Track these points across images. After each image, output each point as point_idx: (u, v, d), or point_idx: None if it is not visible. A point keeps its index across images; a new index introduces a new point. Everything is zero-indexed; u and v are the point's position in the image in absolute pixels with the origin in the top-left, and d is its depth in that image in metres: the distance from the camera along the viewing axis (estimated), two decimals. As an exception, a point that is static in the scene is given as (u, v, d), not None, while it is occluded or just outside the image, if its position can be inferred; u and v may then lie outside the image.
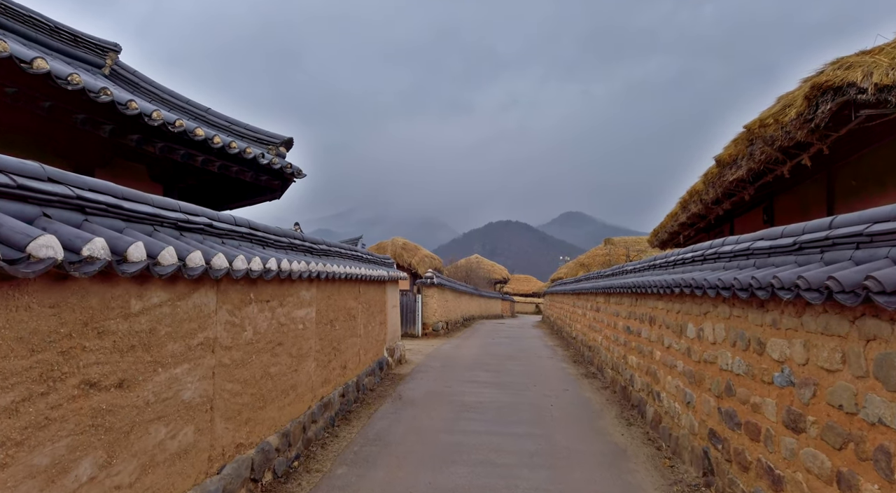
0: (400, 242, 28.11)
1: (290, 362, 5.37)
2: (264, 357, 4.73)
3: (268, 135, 8.62)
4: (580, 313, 14.83)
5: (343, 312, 7.43)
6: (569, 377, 10.64)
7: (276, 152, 8.40)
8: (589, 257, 30.75)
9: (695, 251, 5.58)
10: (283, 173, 8.29)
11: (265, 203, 9.68)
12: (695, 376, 5.09)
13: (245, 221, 4.80)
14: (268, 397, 4.81)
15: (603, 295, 10.98)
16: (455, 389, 9.21)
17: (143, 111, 5.56)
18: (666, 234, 13.57)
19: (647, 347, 7.04)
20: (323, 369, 6.48)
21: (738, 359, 4.14)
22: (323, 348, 6.48)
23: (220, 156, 7.07)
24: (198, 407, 3.64)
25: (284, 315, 5.22)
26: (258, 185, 8.48)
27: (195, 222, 3.85)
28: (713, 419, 4.59)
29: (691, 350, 5.24)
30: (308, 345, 5.92)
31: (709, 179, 8.26)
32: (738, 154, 6.76)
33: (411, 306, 18.75)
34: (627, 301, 8.50)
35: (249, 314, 4.44)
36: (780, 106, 5.37)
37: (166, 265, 3.05)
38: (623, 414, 7.49)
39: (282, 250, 5.56)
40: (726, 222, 12.72)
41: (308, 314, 5.94)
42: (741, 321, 4.14)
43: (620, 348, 8.88)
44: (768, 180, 7.07)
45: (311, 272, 5.67)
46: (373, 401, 8.15)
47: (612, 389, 9.21)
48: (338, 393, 7.03)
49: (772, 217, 10.09)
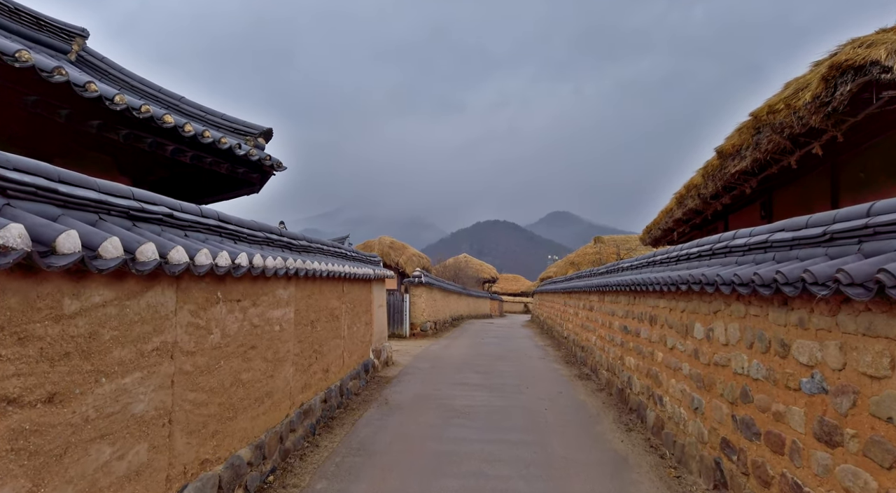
0: (387, 240, 27.63)
1: (266, 368, 4.93)
2: (235, 363, 4.29)
3: (245, 125, 8.16)
4: (572, 312, 14.48)
5: (325, 312, 6.99)
6: (562, 379, 10.27)
7: (255, 143, 7.94)
8: (579, 255, 30.46)
9: (701, 246, 5.21)
10: (261, 166, 7.82)
11: (248, 200, 9.25)
12: (703, 381, 4.72)
13: (214, 213, 4.35)
14: (239, 407, 4.37)
15: (597, 294, 10.62)
16: (444, 392, 8.80)
17: (103, 94, 5.08)
18: (659, 231, 13.26)
19: (647, 348, 6.67)
20: (303, 374, 6.03)
21: (757, 362, 3.77)
22: (303, 350, 6.04)
23: (192, 146, 6.60)
24: (152, 421, 3.19)
25: (258, 316, 4.78)
26: (235, 178, 8.01)
27: (152, 212, 3.40)
28: (726, 428, 4.22)
29: (699, 352, 4.87)
30: (286, 348, 5.48)
31: (708, 171, 7.92)
32: (743, 144, 6.41)
33: (399, 305, 18.30)
34: (624, 300, 8.14)
35: (216, 315, 3.99)
36: (791, 90, 5.02)
37: (109, 259, 2.60)
38: (621, 419, 7.12)
39: (256, 245, 5.12)
40: (720, 220, 12.43)
41: (286, 315, 5.49)
42: (759, 321, 3.77)
43: (617, 349, 8.52)
44: (773, 172, 6.74)
45: (289, 269, 5.23)
46: (357, 406, 7.71)
47: (607, 391, 8.85)
48: (319, 399, 6.59)
49: (770, 212, 9.79)
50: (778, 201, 9.59)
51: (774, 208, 9.71)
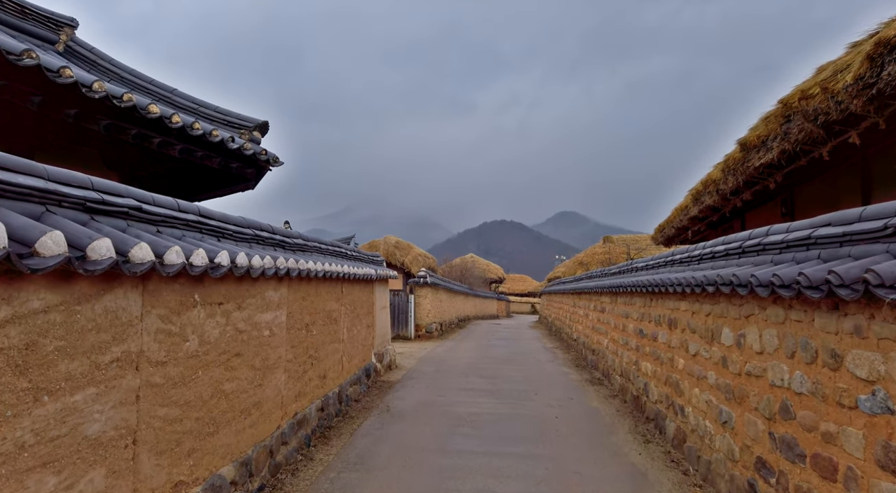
0: (392, 240, 27.22)
1: (253, 376, 4.53)
2: (216, 372, 3.89)
3: (240, 118, 7.78)
4: (582, 313, 14.02)
5: (322, 315, 6.58)
6: (572, 384, 9.82)
7: (250, 137, 7.55)
8: (588, 255, 29.94)
9: (728, 243, 4.77)
10: (256, 161, 7.43)
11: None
12: (734, 392, 4.27)
13: (193, 208, 3.95)
14: (221, 420, 3.97)
15: (609, 295, 10.17)
16: (449, 398, 8.38)
17: (80, 81, 4.71)
18: (673, 229, 12.77)
19: (667, 353, 6.22)
20: (296, 382, 5.63)
21: (800, 374, 3.33)
22: (296, 356, 5.64)
23: (180, 138, 6.22)
24: (112, 443, 2.79)
25: (244, 320, 4.38)
26: (229, 173, 7.63)
27: (115, 205, 3.00)
28: (762, 446, 3.78)
29: (728, 360, 4.42)
30: (277, 354, 5.08)
31: (729, 165, 7.45)
32: (770, 134, 5.95)
33: (403, 306, 17.90)
34: (640, 301, 7.69)
35: (193, 320, 3.59)
36: (829, 72, 4.56)
37: (48, 257, 2.21)
38: (638, 428, 6.67)
39: (243, 242, 4.72)
40: (736, 218, 11.95)
41: (277, 318, 5.09)
42: (803, 327, 3.33)
43: (631, 353, 8.07)
44: (801, 165, 6.28)
45: (280, 269, 4.83)
46: (357, 414, 7.30)
47: (621, 397, 8.40)
48: (315, 407, 6.19)
49: (791, 210, 9.30)
50: (800, 198, 9.11)
51: (796, 206, 9.23)
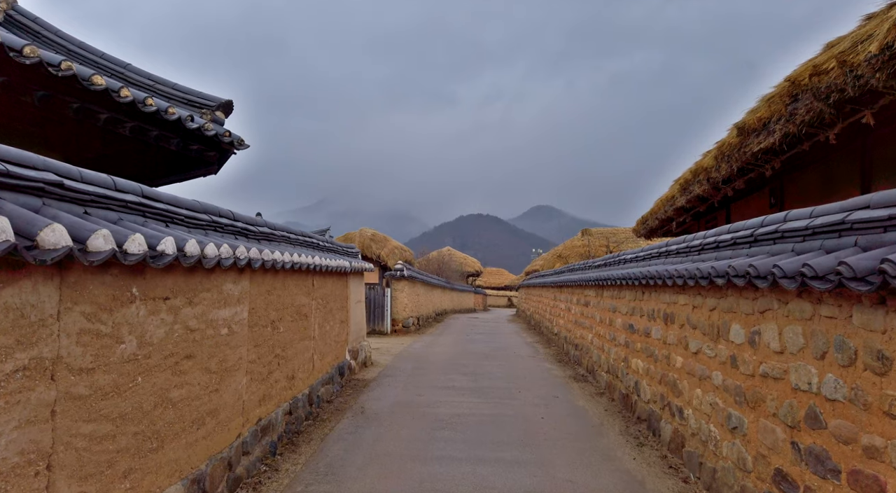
0: (368, 233, 26.59)
1: (208, 381, 3.98)
2: (161, 378, 3.34)
3: (202, 96, 7.15)
4: (563, 307, 13.66)
5: (290, 310, 6.04)
6: (556, 381, 9.43)
7: (212, 117, 6.93)
8: (567, 248, 29.72)
9: (735, 232, 4.37)
10: (219, 143, 6.82)
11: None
12: (746, 395, 3.87)
13: (134, 187, 3.38)
14: (167, 433, 3.42)
15: (594, 288, 9.79)
16: (428, 398, 7.90)
17: (7, 44, 4.11)
18: (657, 221, 12.45)
19: (661, 350, 5.83)
20: (260, 384, 5.09)
21: (833, 378, 2.92)
22: (260, 356, 5.09)
23: (131, 115, 5.60)
24: (15, 472, 2.25)
25: (197, 317, 3.82)
26: (189, 156, 7.01)
27: (25, 178, 2.43)
28: (782, 457, 3.38)
29: (738, 359, 4.02)
30: (237, 355, 4.53)
31: (723, 152, 7.08)
32: (773, 116, 5.57)
33: (379, 300, 17.35)
34: (629, 295, 7.30)
35: (130, 318, 3.04)
36: (848, 43, 4.17)
37: None
38: (629, 430, 6.28)
39: (198, 229, 4.15)
40: (721, 210, 11.70)
41: (237, 315, 4.54)
42: (837, 325, 2.92)
43: (619, 349, 7.69)
44: (802, 150, 5.92)
45: (239, 259, 4.28)
46: (329, 417, 6.78)
47: (608, 395, 8.02)
48: (282, 412, 5.65)
49: (781, 200, 9.02)
50: (791, 188, 8.84)
51: (786, 196, 8.95)
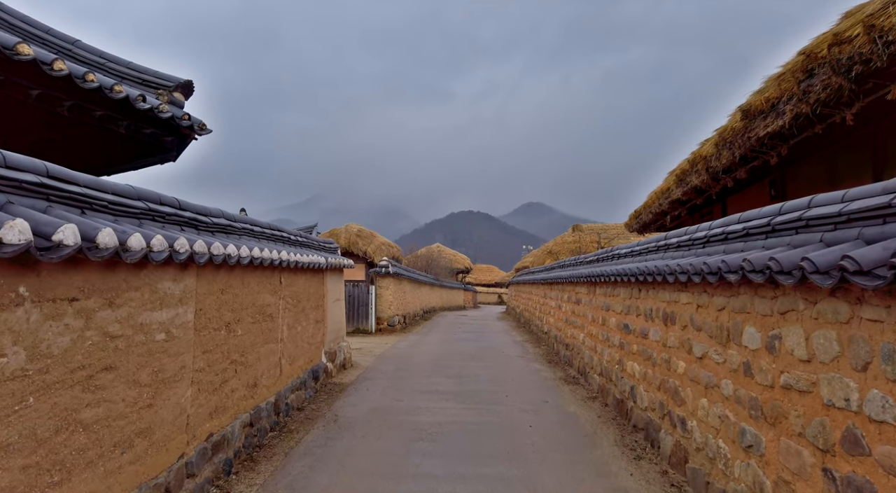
0: (354, 228, 25.93)
1: (137, 395, 3.40)
2: (65, 396, 2.75)
3: (158, 76, 6.55)
4: (554, 305, 13.15)
5: (252, 310, 5.45)
6: (546, 384, 8.90)
7: (169, 99, 6.33)
8: (557, 244, 29.22)
9: (748, 221, 3.84)
10: (177, 126, 6.23)
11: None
12: (763, 409, 3.34)
13: (37, 166, 2.80)
14: (76, 462, 2.84)
15: (585, 285, 9.27)
16: (408, 403, 7.34)
17: None
18: (650, 215, 11.96)
19: (661, 353, 5.31)
20: (212, 395, 4.51)
21: (880, 395, 2.39)
22: (211, 363, 4.51)
23: (70, 92, 5.00)
24: None
25: (121, 321, 3.24)
26: (143, 141, 6.40)
27: None
28: (812, 486, 2.84)
29: (753, 367, 3.49)
30: (179, 363, 3.94)
31: (725, 138, 6.57)
32: (783, 95, 5.05)
33: (363, 298, 16.76)
34: (624, 292, 6.78)
35: (16, 324, 2.45)
36: (878, 5, 3.65)
37: None
38: (625, 440, 5.76)
39: (129, 218, 3.56)
40: (717, 203, 11.22)
41: (179, 317, 3.95)
42: (885, 330, 2.39)
43: (613, 351, 7.17)
44: (815, 133, 5.41)
45: (179, 253, 3.69)
46: (298, 427, 6.20)
47: (601, 400, 7.50)
48: (241, 424, 5.07)
49: (782, 192, 8.54)
50: (792, 179, 8.35)
51: (788, 188, 8.47)
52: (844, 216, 2.79)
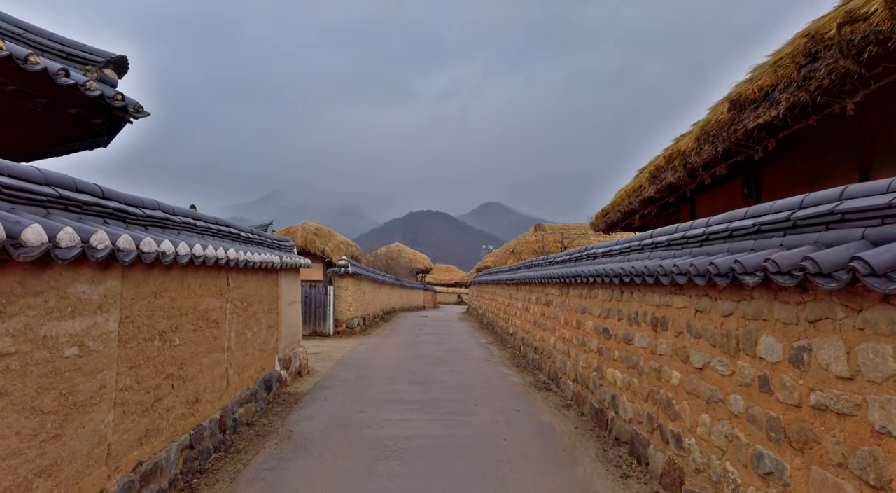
0: (312, 226, 25.00)
1: (37, 426, 2.73)
2: (-76, 437, 2.08)
3: (85, 50, 5.80)
4: (520, 306, 12.74)
5: (192, 316, 4.77)
6: (516, 390, 8.44)
7: (99, 76, 5.57)
8: (520, 243, 28.96)
9: (759, 216, 3.43)
10: (109, 107, 5.48)
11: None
12: (787, 431, 2.92)
13: None
14: (-56, 522, 2.17)
15: (557, 286, 8.86)
16: (370, 415, 6.75)
17: None
18: (619, 214, 11.65)
19: (649, 362, 4.89)
20: (141, 417, 3.83)
21: (960, 424, 1.97)
22: (141, 380, 3.83)
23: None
24: None
25: (14, 335, 2.56)
26: (66, 123, 5.62)
27: None
28: (857, 525, 2.43)
29: (772, 382, 3.07)
30: (97, 382, 3.27)
31: (709, 131, 6.22)
32: (779, 83, 4.70)
33: (321, 299, 16.00)
34: (603, 294, 6.36)
35: None
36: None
37: None
38: (607, 454, 5.32)
39: (33, 207, 2.88)
40: (684, 203, 11.02)
41: (97, 327, 3.28)
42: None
43: (591, 357, 6.75)
44: (808, 125, 5.10)
45: (97, 250, 3.03)
46: (247, 445, 5.53)
47: (577, 408, 7.08)
48: (178, 447, 4.39)
49: (756, 191, 8.33)
50: (768, 177, 8.15)
51: (763, 186, 8.26)
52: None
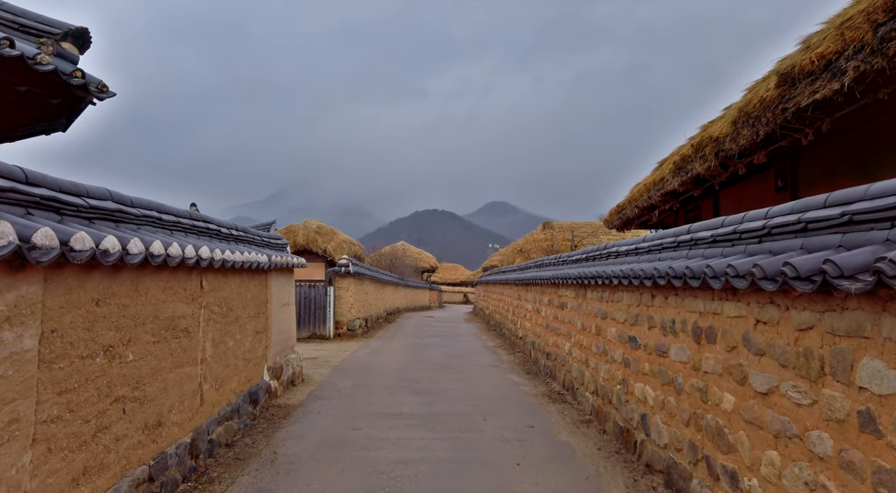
0: (313, 225, 24.33)
1: None
2: None
3: (38, 20, 5.12)
4: (530, 308, 12.00)
5: (153, 325, 4.06)
6: (528, 401, 7.71)
7: (55, 50, 4.86)
8: (528, 242, 28.18)
9: (846, 204, 2.69)
10: (67, 85, 4.78)
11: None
12: (909, 489, 2.18)
13: None
14: None
15: (573, 287, 8.11)
16: (367, 432, 6.03)
17: None
18: (636, 209, 10.90)
19: (691, 379, 4.15)
20: (77, 452, 3.13)
21: None
22: (76, 407, 3.12)
23: None
24: None
25: None
26: (17, 103, 4.95)
27: None
28: None
29: (880, 420, 2.33)
30: (7, 415, 2.56)
31: (750, 112, 5.47)
32: (846, 48, 3.94)
33: (321, 300, 15.30)
34: (628, 298, 5.62)
35: None
36: None
37: None
38: (638, 485, 4.59)
39: None
40: (706, 198, 10.25)
41: (5, 346, 2.57)
42: None
43: (614, 368, 6.01)
44: (879, 99, 4.35)
45: (3, 248, 2.32)
46: (223, 472, 4.83)
47: (598, 425, 6.34)
48: (130, 483, 3.67)
49: (793, 183, 7.56)
50: (805, 168, 7.39)
51: (800, 178, 7.50)
52: None
